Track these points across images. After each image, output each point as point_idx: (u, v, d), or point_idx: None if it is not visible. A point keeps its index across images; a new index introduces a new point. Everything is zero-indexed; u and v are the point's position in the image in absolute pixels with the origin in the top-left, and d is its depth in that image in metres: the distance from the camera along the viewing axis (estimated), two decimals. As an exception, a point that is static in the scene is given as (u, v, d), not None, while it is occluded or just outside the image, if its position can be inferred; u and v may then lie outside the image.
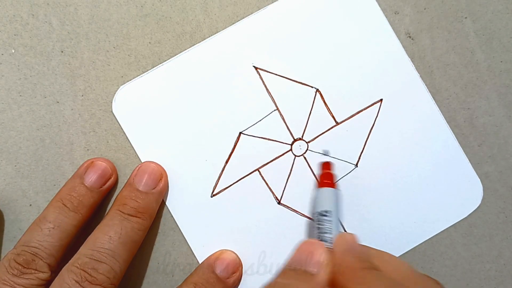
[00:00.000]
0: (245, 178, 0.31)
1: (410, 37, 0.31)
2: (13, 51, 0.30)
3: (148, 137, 0.30)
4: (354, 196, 0.31)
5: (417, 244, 0.32)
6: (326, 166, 0.31)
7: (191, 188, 0.31)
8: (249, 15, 0.31)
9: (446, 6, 0.31)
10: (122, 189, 0.29)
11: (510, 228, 0.32)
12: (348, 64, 0.31)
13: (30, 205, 0.30)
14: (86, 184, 0.29)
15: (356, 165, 0.31)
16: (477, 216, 0.32)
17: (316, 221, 0.28)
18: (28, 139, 0.30)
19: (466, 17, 0.32)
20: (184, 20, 0.31)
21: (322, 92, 0.31)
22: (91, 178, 0.29)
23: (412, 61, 0.31)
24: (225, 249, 0.31)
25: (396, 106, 0.31)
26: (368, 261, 0.23)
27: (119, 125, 0.31)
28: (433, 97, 0.31)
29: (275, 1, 0.31)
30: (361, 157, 0.31)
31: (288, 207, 0.31)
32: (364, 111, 0.31)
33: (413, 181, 0.32)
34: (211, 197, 0.31)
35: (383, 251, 0.26)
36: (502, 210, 0.32)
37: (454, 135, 0.32)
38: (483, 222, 0.32)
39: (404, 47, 0.31)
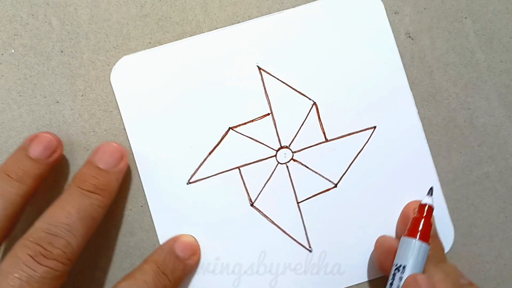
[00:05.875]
0: (224, 173, 0.31)
1: (410, 37, 0.31)
2: (13, 51, 0.30)
3: (139, 113, 0.30)
4: (327, 215, 0.31)
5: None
6: (428, 210, 0.27)
7: (170, 171, 0.31)
8: (249, 15, 0.31)
9: (446, 6, 0.31)
10: (81, 167, 0.29)
11: (510, 228, 0.32)
12: (349, 83, 0.31)
13: (30, 205, 0.30)
14: (31, 156, 0.28)
15: (336, 185, 0.31)
16: (477, 216, 0.32)
17: (391, 274, 0.26)
18: (28, 139, 0.30)
19: (466, 17, 0.32)
20: (184, 20, 0.31)
21: (318, 106, 0.31)
22: (36, 149, 0.28)
23: (412, 61, 0.31)
24: (184, 233, 0.30)
25: (389, 136, 0.31)
26: (458, 278, 0.26)
27: (119, 124, 0.31)
28: (433, 97, 0.31)
29: (276, 1, 0.31)
30: (342, 179, 0.31)
31: (259, 211, 0.31)
32: (355, 134, 0.31)
33: (392, 215, 0.31)
34: (187, 184, 0.31)
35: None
36: (502, 210, 0.32)
37: (437, 175, 0.31)
38: (483, 222, 0.32)
39: (404, 47, 0.31)
